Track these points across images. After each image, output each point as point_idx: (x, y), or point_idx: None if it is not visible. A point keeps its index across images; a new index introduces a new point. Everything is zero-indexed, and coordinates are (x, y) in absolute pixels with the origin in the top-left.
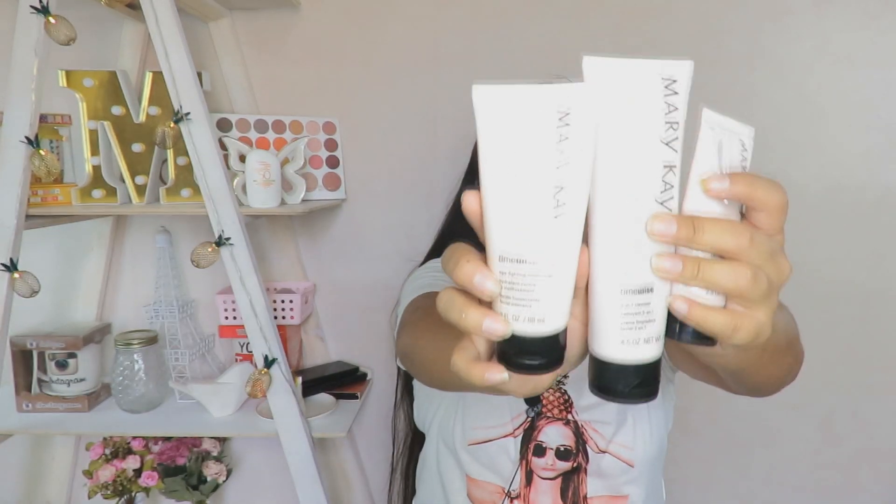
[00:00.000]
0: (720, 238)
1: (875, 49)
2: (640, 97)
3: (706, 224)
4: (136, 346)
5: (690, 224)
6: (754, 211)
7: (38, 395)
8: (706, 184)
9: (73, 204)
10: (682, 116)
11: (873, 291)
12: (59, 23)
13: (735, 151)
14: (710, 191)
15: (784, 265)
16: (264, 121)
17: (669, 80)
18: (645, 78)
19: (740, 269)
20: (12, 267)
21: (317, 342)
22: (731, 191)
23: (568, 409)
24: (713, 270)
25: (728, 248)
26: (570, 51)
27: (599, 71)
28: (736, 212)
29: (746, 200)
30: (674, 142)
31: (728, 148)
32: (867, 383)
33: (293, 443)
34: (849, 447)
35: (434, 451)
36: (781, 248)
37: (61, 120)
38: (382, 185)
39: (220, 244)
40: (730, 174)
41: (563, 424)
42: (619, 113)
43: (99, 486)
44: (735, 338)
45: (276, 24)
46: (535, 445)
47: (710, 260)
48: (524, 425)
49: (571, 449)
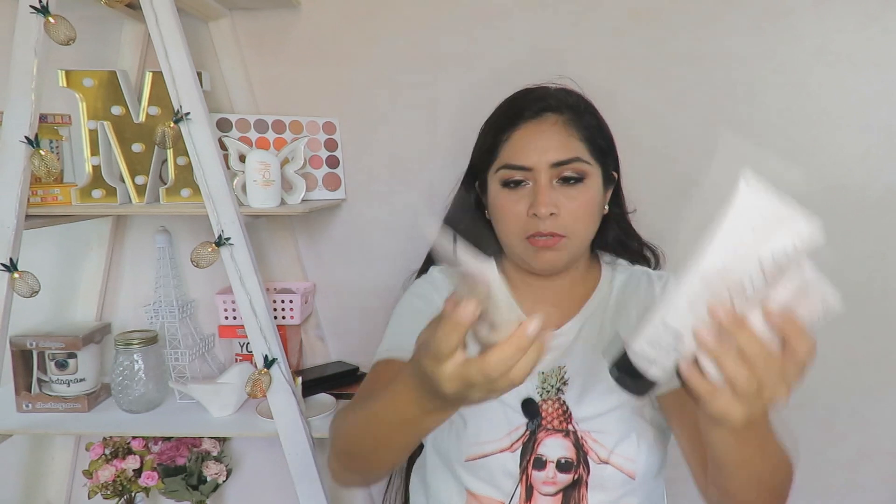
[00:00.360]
0: (747, 345)
1: (875, 49)
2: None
3: (746, 332)
4: (136, 346)
5: (737, 324)
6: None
7: (37, 395)
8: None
9: (73, 204)
10: (786, 258)
11: (874, 291)
12: (59, 23)
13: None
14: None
15: (782, 390)
16: (264, 121)
17: (796, 234)
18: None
19: (743, 369)
20: (12, 267)
21: (317, 342)
22: (774, 325)
23: (567, 420)
24: (726, 357)
25: (747, 354)
26: (570, 51)
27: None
28: None
29: (782, 335)
30: (767, 269)
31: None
32: (867, 383)
33: (293, 443)
34: (849, 447)
35: (431, 466)
36: (791, 377)
37: (61, 120)
38: (382, 185)
39: (220, 244)
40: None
41: (563, 436)
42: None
43: (99, 487)
44: (709, 405)
45: (276, 24)
46: (535, 458)
47: (731, 351)
48: (522, 439)
49: (572, 461)
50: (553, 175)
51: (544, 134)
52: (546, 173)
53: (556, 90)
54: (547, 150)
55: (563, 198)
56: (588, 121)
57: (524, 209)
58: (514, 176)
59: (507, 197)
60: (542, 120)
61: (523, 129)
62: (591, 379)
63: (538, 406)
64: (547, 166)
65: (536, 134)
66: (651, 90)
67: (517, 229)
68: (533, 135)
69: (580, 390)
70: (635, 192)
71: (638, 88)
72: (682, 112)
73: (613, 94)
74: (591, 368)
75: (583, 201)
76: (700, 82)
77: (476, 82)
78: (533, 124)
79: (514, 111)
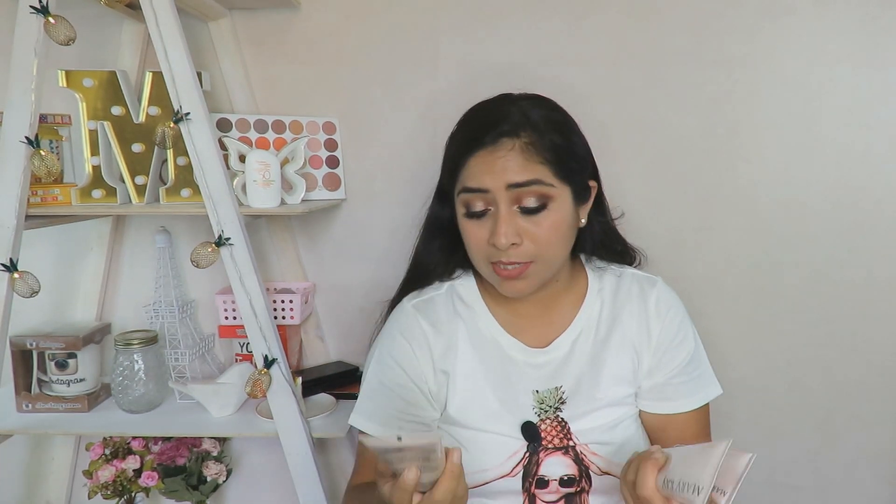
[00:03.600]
0: None
1: (875, 49)
2: None
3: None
4: (136, 346)
5: None
6: None
7: (37, 395)
8: None
9: (73, 204)
10: None
11: (873, 291)
12: (59, 23)
13: None
14: None
15: None
16: (264, 121)
17: None
18: None
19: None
20: (12, 267)
21: (317, 342)
22: None
23: (567, 437)
24: None
25: None
26: (570, 51)
27: None
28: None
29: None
30: None
31: None
32: (867, 383)
33: (293, 443)
34: (849, 447)
35: None
36: None
37: (61, 120)
38: (382, 185)
39: (219, 244)
40: None
41: (563, 453)
42: None
43: (99, 487)
44: None
45: (276, 24)
46: (537, 479)
47: None
48: (522, 462)
49: (574, 476)
50: (512, 200)
51: (499, 161)
52: (504, 196)
53: (520, 106)
54: (505, 172)
55: (528, 224)
56: (551, 140)
57: (485, 236)
58: (475, 203)
59: (470, 223)
60: (498, 146)
61: (479, 157)
62: (588, 394)
63: (537, 428)
64: (504, 187)
65: (492, 162)
66: (651, 90)
67: (482, 256)
68: (488, 163)
69: (578, 406)
70: (634, 193)
71: (638, 88)
72: (682, 112)
73: (613, 95)
74: (587, 383)
75: (548, 226)
76: (700, 82)
77: (476, 82)
78: (488, 151)
79: (471, 135)
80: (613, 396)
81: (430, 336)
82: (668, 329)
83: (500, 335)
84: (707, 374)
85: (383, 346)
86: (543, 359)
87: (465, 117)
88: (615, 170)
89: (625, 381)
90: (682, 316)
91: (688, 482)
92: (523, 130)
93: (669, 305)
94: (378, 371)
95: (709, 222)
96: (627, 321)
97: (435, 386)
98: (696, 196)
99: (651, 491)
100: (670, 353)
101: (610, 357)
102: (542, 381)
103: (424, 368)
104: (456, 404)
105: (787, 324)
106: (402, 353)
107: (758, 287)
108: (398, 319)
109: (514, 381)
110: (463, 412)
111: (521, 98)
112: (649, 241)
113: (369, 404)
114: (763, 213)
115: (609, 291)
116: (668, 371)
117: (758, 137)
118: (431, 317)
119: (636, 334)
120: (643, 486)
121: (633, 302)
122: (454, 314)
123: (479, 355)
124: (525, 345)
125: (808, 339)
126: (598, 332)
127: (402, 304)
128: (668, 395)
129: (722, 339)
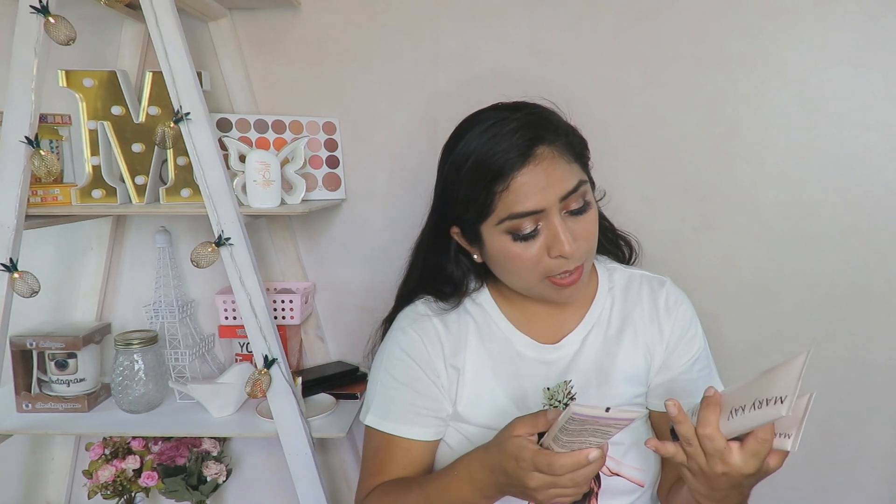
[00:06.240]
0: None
1: (875, 49)
2: None
3: (717, 440)
4: (136, 346)
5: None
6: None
7: (37, 395)
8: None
9: (73, 204)
10: None
11: (873, 291)
12: (59, 23)
13: None
14: None
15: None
16: (264, 121)
17: None
18: None
19: (700, 453)
20: (12, 267)
21: (317, 342)
22: None
23: None
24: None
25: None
26: (570, 51)
27: None
28: None
29: None
30: None
31: None
32: (867, 383)
33: (293, 443)
34: (849, 447)
35: None
36: (735, 476)
37: (61, 120)
38: (382, 185)
39: (219, 244)
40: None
41: None
42: None
43: (99, 487)
44: (677, 457)
45: (276, 24)
46: None
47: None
48: None
49: None
50: (562, 207)
51: (544, 174)
52: (556, 207)
53: (525, 115)
54: (554, 184)
55: (575, 224)
56: (566, 136)
57: (540, 253)
58: (526, 226)
59: (517, 247)
60: (539, 158)
61: (522, 176)
62: (598, 390)
63: None
64: (557, 200)
65: (538, 176)
66: (651, 90)
67: (535, 275)
68: (535, 180)
69: (588, 403)
70: (634, 192)
71: (638, 88)
72: (682, 112)
73: (613, 95)
74: (597, 379)
75: (591, 221)
76: (700, 82)
77: (476, 82)
78: (530, 168)
79: (500, 157)
80: (625, 395)
81: (441, 332)
82: (678, 324)
83: (510, 332)
84: (713, 374)
85: (393, 342)
86: (554, 355)
87: (472, 146)
88: (615, 170)
89: (637, 381)
90: (691, 313)
91: (766, 398)
92: (550, 133)
93: (679, 302)
94: (390, 367)
95: (709, 222)
96: (639, 321)
97: (447, 381)
98: (696, 196)
99: (713, 429)
100: (681, 349)
101: (621, 356)
102: (553, 378)
103: (436, 362)
104: (465, 400)
105: (787, 324)
106: (414, 347)
107: (758, 287)
108: (408, 315)
109: (524, 378)
110: (472, 409)
111: (507, 107)
112: (649, 241)
113: (386, 405)
114: (763, 213)
115: (619, 289)
116: (679, 366)
117: (758, 137)
118: (441, 314)
119: (648, 333)
120: (705, 424)
121: (644, 302)
122: (464, 311)
123: (488, 352)
124: (536, 341)
125: (808, 338)
126: (609, 329)
127: (415, 305)
128: (677, 391)
129: (722, 339)
